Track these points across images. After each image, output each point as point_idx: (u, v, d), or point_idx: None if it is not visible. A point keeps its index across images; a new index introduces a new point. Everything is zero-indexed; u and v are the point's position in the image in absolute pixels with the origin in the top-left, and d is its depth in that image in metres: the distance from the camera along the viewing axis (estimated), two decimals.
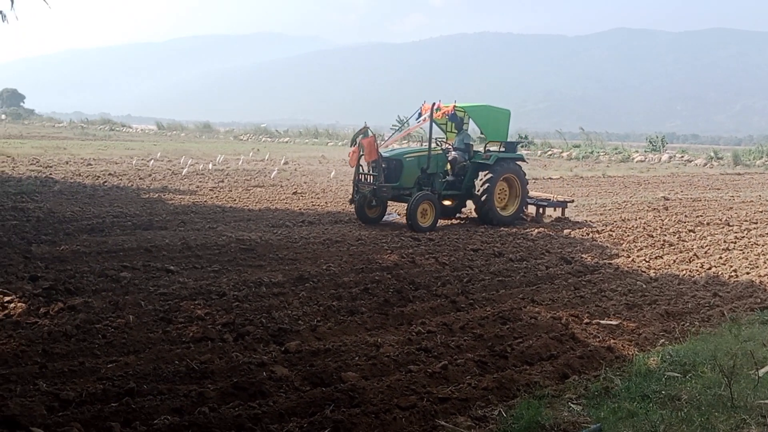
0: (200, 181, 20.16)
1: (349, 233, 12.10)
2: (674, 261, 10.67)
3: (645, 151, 41.02)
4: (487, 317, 7.20)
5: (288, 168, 26.29)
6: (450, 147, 14.65)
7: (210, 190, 18.06)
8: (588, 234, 12.90)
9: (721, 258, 11.02)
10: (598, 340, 6.70)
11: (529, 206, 15.17)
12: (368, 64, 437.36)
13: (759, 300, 8.49)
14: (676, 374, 5.53)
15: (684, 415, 4.71)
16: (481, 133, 14.61)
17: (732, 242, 12.46)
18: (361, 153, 13.16)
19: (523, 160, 14.82)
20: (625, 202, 18.40)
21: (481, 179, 13.75)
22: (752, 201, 19.60)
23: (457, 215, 14.96)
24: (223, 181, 20.43)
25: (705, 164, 36.07)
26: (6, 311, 6.59)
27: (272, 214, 14.08)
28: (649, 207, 17.32)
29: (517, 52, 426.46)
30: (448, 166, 14.12)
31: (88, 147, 34.69)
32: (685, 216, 15.72)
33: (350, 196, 13.81)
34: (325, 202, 16.46)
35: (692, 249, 11.70)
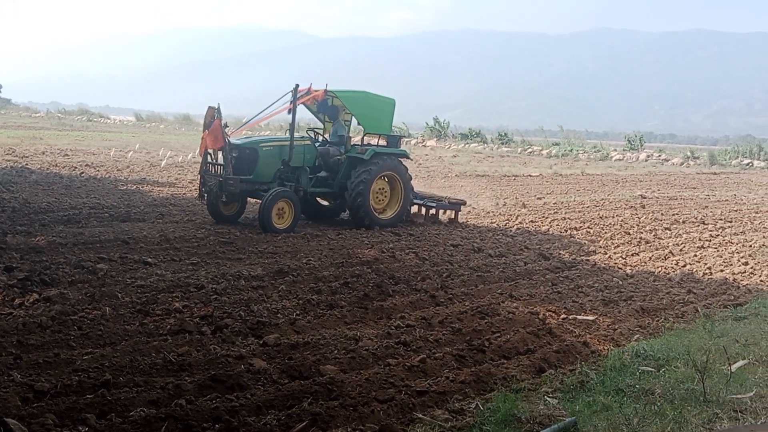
0: (179, 174, 20.00)
1: (330, 227, 12.10)
2: (650, 258, 10.80)
3: (623, 150, 41.37)
4: (466, 312, 7.25)
5: None
6: (327, 138, 13.21)
7: (189, 182, 17.93)
8: (566, 231, 13.00)
9: (695, 256, 11.17)
10: (574, 335, 6.77)
11: (424, 208, 13.77)
12: (349, 58, 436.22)
13: (732, 297, 8.63)
14: (650, 369, 5.61)
15: (657, 409, 4.77)
16: (359, 123, 12.90)
17: (707, 240, 12.64)
18: None
19: (406, 156, 13.12)
20: (603, 199, 18.57)
21: (354, 177, 12.03)
22: (727, 200, 19.87)
23: (338, 217, 13.48)
24: None
25: (682, 163, 36.49)
26: None
27: (252, 207, 14.02)
28: (626, 205, 17.49)
29: (498, 49, 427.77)
30: (320, 160, 12.52)
31: (65, 137, 34.28)
32: (662, 214, 15.90)
33: (198, 190, 11.97)
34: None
35: (668, 246, 11.84)
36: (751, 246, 12.29)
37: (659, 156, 38.96)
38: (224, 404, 4.56)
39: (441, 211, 13.72)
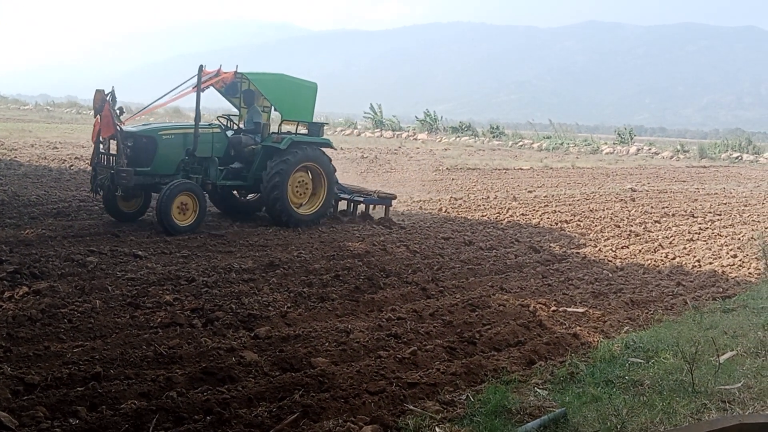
0: None
1: (321, 220, 12.08)
2: (640, 251, 10.86)
3: (614, 144, 41.51)
4: (457, 304, 7.27)
5: None
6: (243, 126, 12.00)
7: None
8: (556, 224, 13.04)
9: (685, 248, 11.23)
10: (564, 327, 6.80)
11: (355, 203, 12.73)
12: (341, 51, 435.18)
13: (721, 289, 8.69)
14: (639, 360, 5.64)
15: (646, 400, 4.81)
16: (275, 109, 11.88)
17: (696, 233, 12.71)
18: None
19: (329, 145, 11.92)
20: (593, 193, 18.63)
21: (270, 168, 10.94)
22: (716, 193, 19.98)
23: (259, 212, 12.32)
24: None
25: (671, 157, 36.64)
26: None
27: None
28: (616, 198, 17.56)
29: (489, 43, 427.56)
30: (232, 150, 11.36)
31: (54, 130, 34.06)
32: (651, 207, 15.97)
33: (91, 184, 10.62)
34: None
35: (657, 239, 11.91)
36: (739, 239, 12.37)
37: (649, 149, 39.11)
38: (215, 396, 4.56)
39: (371, 207, 12.69)
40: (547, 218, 13.66)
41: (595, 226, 13.01)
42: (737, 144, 38.85)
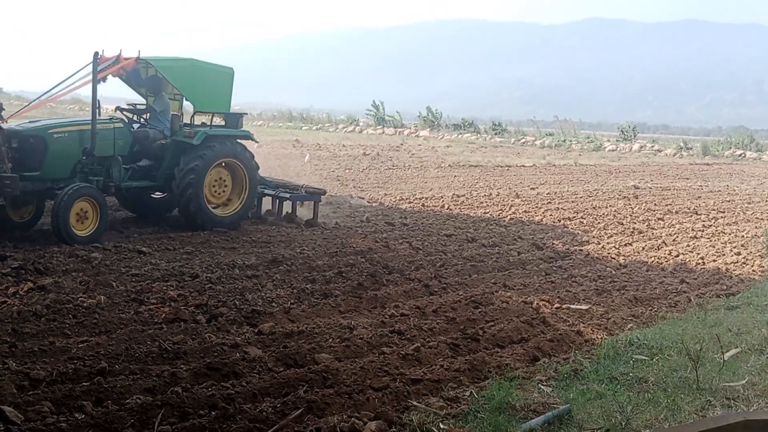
0: None
1: (324, 217, 12.08)
2: (643, 248, 10.85)
3: (616, 141, 41.43)
4: (460, 301, 7.27)
5: (261, 151, 26.07)
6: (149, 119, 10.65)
7: None
8: (559, 221, 13.04)
9: (688, 246, 11.22)
10: (567, 324, 6.80)
11: (280, 200, 11.62)
12: (344, 47, 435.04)
13: (725, 287, 8.69)
14: (643, 357, 5.65)
15: (651, 397, 4.82)
16: (186, 99, 10.68)
17: (699, 230, 12.70)
18: None
19: (249, 138, 10.77)
20: (596, 190, 18.61)
21: (182, 166, 9.79)
22: (720, 191, 19.95)
23: (171, 212, 11.06)
24: None
25: (675, 154, 36.58)
26: None
27: None
28: (619, 195, 17.55)
29: (491, 39, 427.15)
30: (138, 147, 10.04)
31: None
32: (655, 204, 15.96)
33: None
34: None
35: (661, 237, 11.90)
36: (743, 236, 12.35)
37: (652, 147, 39.03)
38: (220, 392, 4.57)
39: (298, 203, 11.59)
40: (550, 215, 13.65)
41: (599, 223, 13.01)
42: (740, 141, 38.74)
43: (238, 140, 10.54)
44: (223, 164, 10.31)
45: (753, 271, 9.68)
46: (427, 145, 33.91)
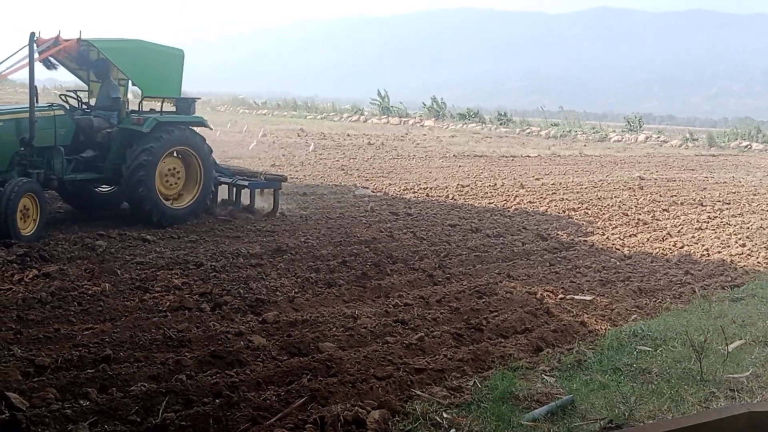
0: None
1: (328, 206, 12.10)
2: (648, 239, 10.83)
3: (622, 131, 41.30)
4: (464, 291, 7.28)
5: (266, 140, 26.10)
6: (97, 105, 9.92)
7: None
8: (564, 212, 13.01)
9: (693, 237, 11.19)
10: (571, 314, 6.80)
11: (238, 188, 10.91)
12: (348, 36, 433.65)
13: (730, 278, 8.67)
14: (647, 348, 5.65)
15: (654, 388, 4.82)
16: (133, 83, 9.93)
17: (705, 222, 12.66)
18: None
19: (203, 124, 10.18)
20: (601, 181, 18.56)
21: (131, 156, 9.11)
22: (725, 182, 19.88)
23: (119, 205, 10.41)
24: None
25: (680, 145, 36.43)
26: None
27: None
28: (624, 186, 17.50)
29: (497, 28, 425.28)
30: (82, 136, 9.34)
31: None
32: (660, 196, 15.91)
33: None
34: (303, 175, 16.40)
35: (666, 228, 11.87)
36: (748, 228, 12.32)
37: (658, 137, 38.89)
38: (224, 380, 4.59)
39: (258, 191, 10.96)
40: (555, 206, 13.62)
41: (603, 214, 12.98)
42: (747, 133, 38.57)
43: (192, 127, 9.92)
44: (176, 153, 9.66)
45: (758, 262, 9.66)
46: (432, 135, 33.86)
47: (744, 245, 10.67)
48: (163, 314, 5.90)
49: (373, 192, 14.43)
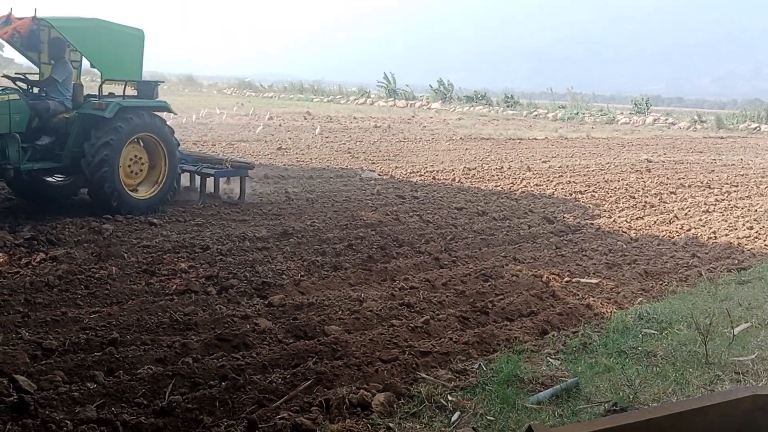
0: (183, 135, 19.85)
1: (334, 190, 12.09)
2: (655, 222, 10.79)
3: (629, 113, 41.07)
4: (470, 274, 7.28)
5: (272, 123, 26.07)
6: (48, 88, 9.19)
7: (193, 144, 17.86)
8: (570, 195, 12.98)
9: (700, 220, 11.15)
10: (577, 297, 6.80)
11: (203, 176, 10.32)
12: (353, 20, 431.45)
13: (736, 261, 8.64)
14: (652, 331, 5.65)
15: (659, 371, 4.82)
16: (92, 65, 9.25)
17: (712, 205, 12.61)
18: None
19: (166, 109, 9.62)
20: (608, 163, 18.48)
21: (93, 143, 8.50)
22: (734, 164, 19.78)
23: (75, 196, 9.79)
24: (206, 135, 20.23)
25: (688, 127, 36.22)
26: None
27: (256, 170, 13.99)
28: (632, 169, 17.42)
29: (503, 10, 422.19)
30: (37, 122, 8.74)
31: None
32: (667, 178, 15.84)
33: None
34: (310, 159, 16.39)
35: (673, 211, 11.82)
36: (756, 210, 12.26)
37: (666, 120, 38.65)
38: (230, 363, 4.61)
39: (223, 180, 10.68)
40: (562, 189, 13.58)
41: (610, 197, 12.94)
42: (755, 115, 38.27)
43: (155, 112, 9.37)
44: (139, 140, 9.11)
45: (765, 245, 9.62)
46: (439, 118, 33.75)
47: (751, 228, 10.62)
48: (170, 297, 5.93)
49: (379, 175, 14.41)
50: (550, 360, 5.06)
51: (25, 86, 9.05)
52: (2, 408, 3.78)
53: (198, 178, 10.47)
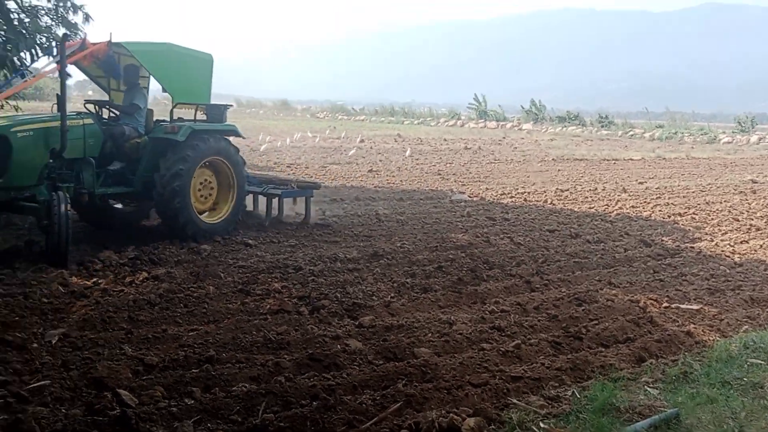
0: (278, 158, 20.53)
1: (424, 211, 12.12)
2: (761, 246, 10.23)
3: (733, 132, 39.30)
4: (562, 298, 7.11)
5: (363, 146, 26.46)
6: (119, 114, 9.21)
7: (287, 166, 18.38)
8: (669, 217, 12.50)
9: None
10: (677, 324, 6.51)
11: (269, 197, 10.29)
12: (445, 41, 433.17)
13: None
14: (759, 361, 5.34)
15: (766, 403, 4.55)
16: (164, 90, 9.15)
17: None
18: None
19: (236, 133, 9.54)
20: (709, 184, 17.72)
21: (166, 167, 8.48)
22: None
23: (144, 221, 9.86)
24: (300, 158, 20.75)
25: None
26: (95, 279, 6.93)
27: (347, 192, 14.23)
28: (735, 190, 16.63)
29: (599, 29, 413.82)
30: (110, 146, 8.70)
31: None
32: None
33: None
34: (400, 181, 16.51)
35: None
36: None
37: None
38: (321, 382, 4.67)
39: (290, 201, 10.65)
40: (660, 211, 13.11)
41: (712, 219, 12.38)
42: None
43: (224, 136, 9.33)
44: (207, 164, 9.05)
45: None
46: (530, 139, 33.33)
47: None
48: (264, 317, 6.07)
49: (469, 197, 14.35)
50: (648, 389, 4.87)
51: (93, 110, 9.16)
52: (105, 421, 3.96)
53: (260, 201, 10.50)
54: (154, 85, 9.67)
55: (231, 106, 10.50)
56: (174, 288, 6.65)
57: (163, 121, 9.31)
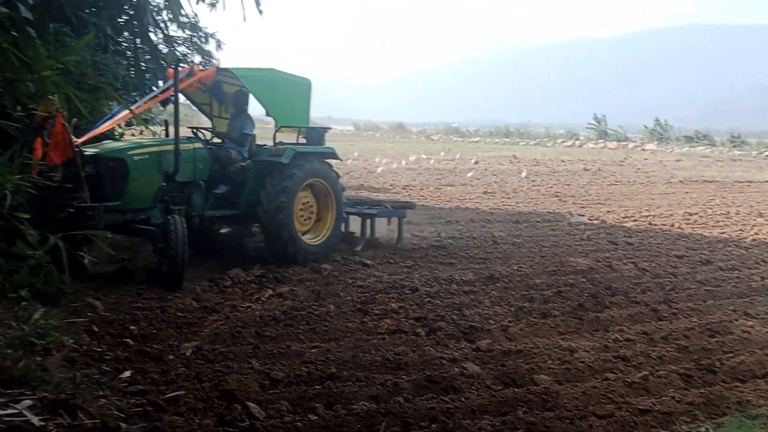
0: (394, 179, 20.79)
1: (541, 234, 11.89)
2: None
3: None
4: (693, 328, 6.75)
5: (478, 167, 26.33)
6: (222, 139, 9.39)
7: (402, 188, 18.57)
8: None
9: None
10: None
11: (364, 217, 10.31)
12: (564, 61, 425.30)
13: None
14: None
15: None
16: (267, 113, 9.26)
17: None
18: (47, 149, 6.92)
19: (335, 156, 9.63)
20: None
21: (271, 187, 8.64)
22: None
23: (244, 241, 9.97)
24: (415, 180, 20.93)
25: None
26: (224, 295, 7.26)
27: (462, 213, 14.19)
28: None
29: (730, 44, 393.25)
30: (216, 170, 8.82)
31: None
32: None
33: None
34: (516, 202, 16.30)
35: None
36: None
37: None
38: (440, 405, 4.66)
39: (386, 221, 10.63)
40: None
41: None
42: None
43: (324, 159, 9.48)
44: (309, 187, 9.16)
45: None
46: (655, 159, 32.06)
47: None
48: (382, 336, 6.14)
49: (589, 220, 13.95)
50: None
51: (196, 134, 9.17)
52: None
53: (353, 224, 10.59)
54: (254, 110, 9.83)
55: (329, 129, 10.67)
56: (297, 305, 6.86)
57: (264, 145, 9.52)
